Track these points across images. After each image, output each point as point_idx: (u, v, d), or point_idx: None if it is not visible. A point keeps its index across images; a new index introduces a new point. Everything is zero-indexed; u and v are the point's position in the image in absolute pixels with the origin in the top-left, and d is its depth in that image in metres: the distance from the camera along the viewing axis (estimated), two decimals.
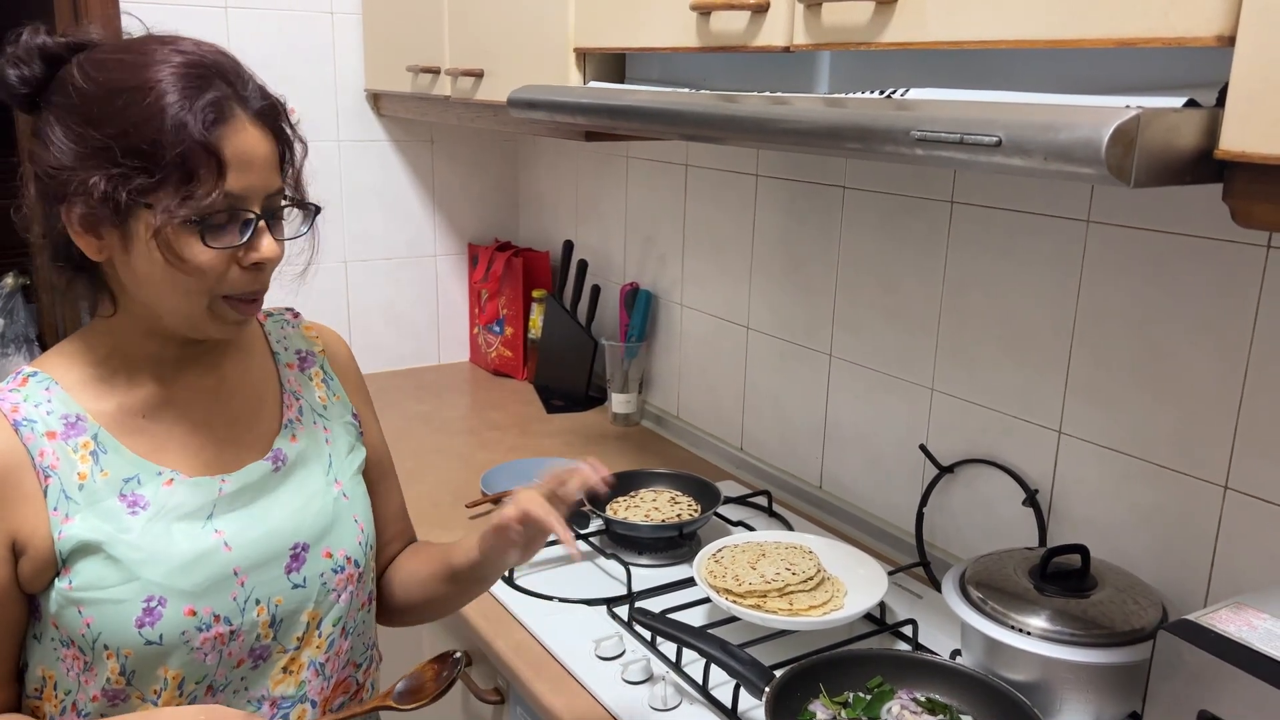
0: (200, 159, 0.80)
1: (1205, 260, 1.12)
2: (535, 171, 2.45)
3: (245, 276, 0.86)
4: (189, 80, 0.82)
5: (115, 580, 0.85)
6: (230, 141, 0.82)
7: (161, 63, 0.82)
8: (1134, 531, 1.23)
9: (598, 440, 2.01)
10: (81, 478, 0.86)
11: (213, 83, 0.83)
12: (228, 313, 0.87)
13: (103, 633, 0.85)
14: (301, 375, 1.04)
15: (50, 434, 0.86)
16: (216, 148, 0.81)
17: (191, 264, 0.83)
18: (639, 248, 2.12)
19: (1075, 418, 1.28)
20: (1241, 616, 0.82)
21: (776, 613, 1.24)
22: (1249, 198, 0.72)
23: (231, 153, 0.82)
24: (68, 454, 0.86)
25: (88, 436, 0.87)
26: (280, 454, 0.97)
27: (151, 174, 0.80)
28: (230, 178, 0.82)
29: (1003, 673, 1.09)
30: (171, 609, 0.87)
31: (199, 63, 0.84)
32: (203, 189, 0.81)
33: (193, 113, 0.80)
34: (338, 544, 0.98)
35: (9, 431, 0.85)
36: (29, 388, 0.88)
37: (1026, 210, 1.31)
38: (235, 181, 0.82)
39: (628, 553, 1.50)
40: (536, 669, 1.25)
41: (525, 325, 2.33)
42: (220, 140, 0.81)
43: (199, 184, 0.81)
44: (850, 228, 1.58)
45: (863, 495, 1.62)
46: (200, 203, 0.81)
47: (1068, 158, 0.71)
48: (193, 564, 0.88)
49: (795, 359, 1.72)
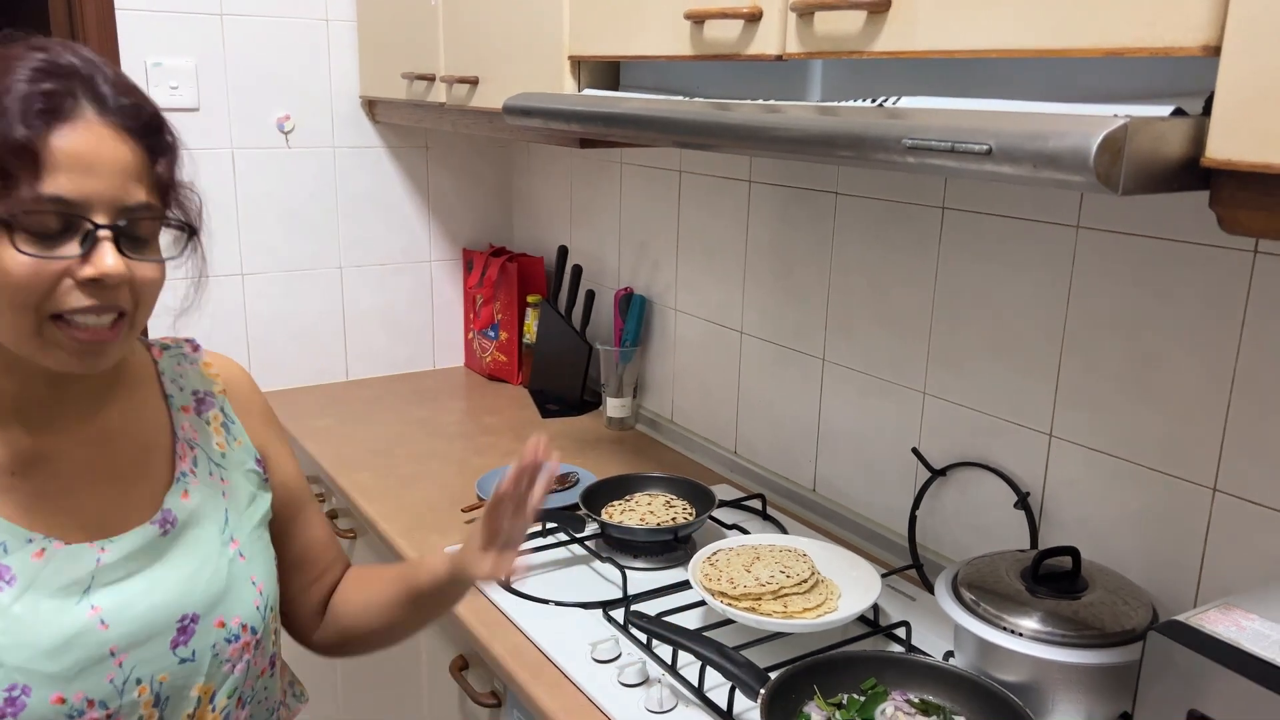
0: (13, 155, 0.73)
1: (1193, 265, 1.13)
2: (529, 177, 2.46)
3: (78, 294, 0.76)
4: (34, 77, 0.75)
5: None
6: (64, 141, 0.74)
7: (19, 63, 0.76)
8: (1124, 533, 1.24)
9: (593, 444, 2.02)
10: None
11: (59, 80, 0.75)
12: (58, 337, 0.76)
13: None
14: (198, 420, 0.94)
15: None
16: (34, 145, 0.73)
17: (4, 270, 0.74)
18: (633, 253, 2.13)
19: (1066, 421, 1.30)
20: (1230, 617, 0.84)
21: (771, 615, 1.25)
22: (1235, 205, 0.74)
23: (63, 154, 0.74)
24: None
25: None
26: (169, 515, 0.88)
27: None
28: (58, 180, 0.73)
29: (995, 674, 1.10)
30: (36, 698, 0.77)
31: (53, 62, 0.77)
32: (16, 189, 0.73)
33: (17, 106, 0.73)
34: (232, 612, 0.89)
35: None
36: None
37: (1017, 216, 1.32)
38: (67, 185, 0.74)
39: (623, 556, 1.51)
40: (533, 672, 1.26)
41: (520, 330, 2.34)
42: (46, 138, 0.73)
43: (11, 183, 0.73)
44: (842, 233, 1.59)
45: (856, 498, 1.64)
46: (11, 204, 0.73)
47: (1057, 165, 0.72)
48: (62, 647, 0.78)
49: (788, 363, 1.74)
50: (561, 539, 1.56)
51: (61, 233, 0.75)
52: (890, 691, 1.13)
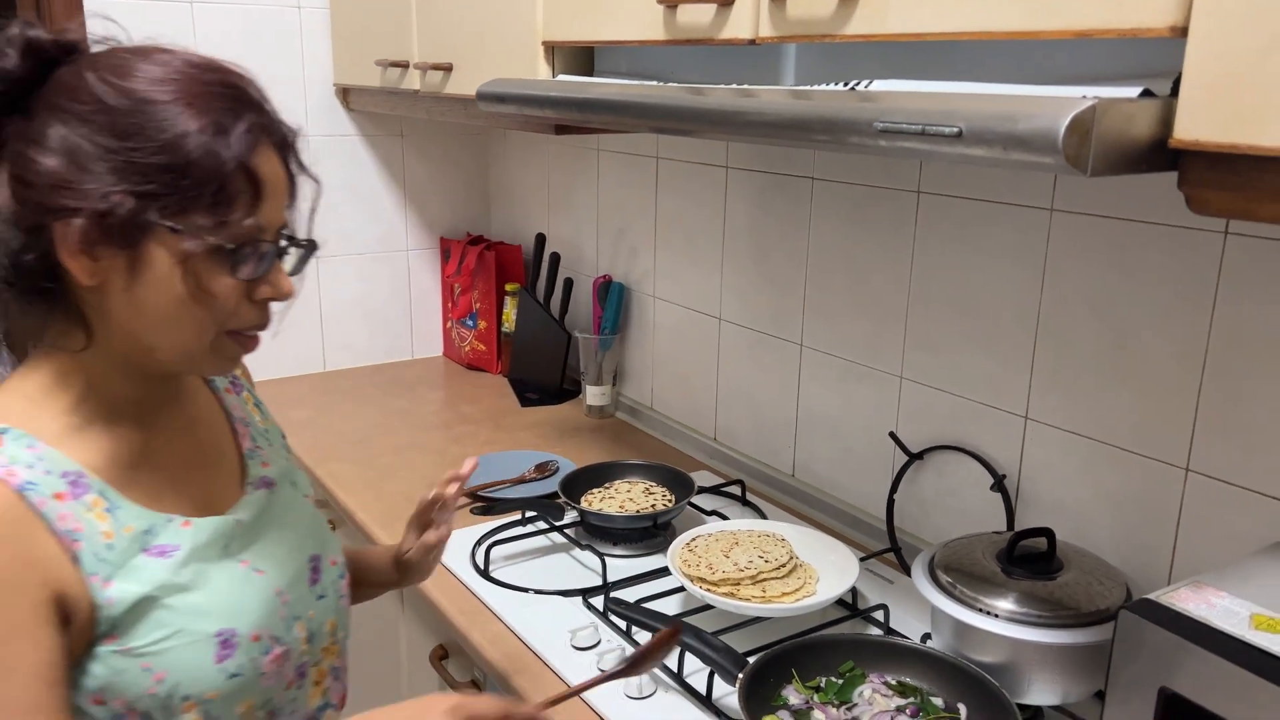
0: (239, 183, 0.77)
1: (1165, 247, 1.14)
2: (506, 165, 2.45)
3: (254, 312, 0.83)
4: (224, 100, 0.78)
5: (183, 625, 0.81)
6: (266, 166, 0.80)
7: (191, 79, 0.78)
8: (1099, 514, 1.25)
9: (572, 433, 2.02)
10: (107, 536, 0.79)
11: (247, 105, 0.80)
12: (230, 348, 0.84)
13: (181, 682, 0.80)
14: (239, 400, 1.01)
15: (58, 495, 0.77)
16: (256, 173, 0.78)
17: (214, 295, 0.79)
18: (611, 240, 2.12)
19: (1041, 404, 1.31)
20: (1201, 595, 0.84)
21: (750, 600, 1.26)
22: (1203, 185, 0.74)
23: (266, 179, 0.79)
24: (83, 514, 0.78)
25: (95, 494, 0.79)
26: (265, 479, 0.96)
27: (183, 194, 0.75)
28: (266, 207, 0.80)
29: (972, 655, 1.11)
30: (242, 638, 0.85)
31: (230, 83, 0.80)
32: (237, 215, 0.78)
33: (234, 135, 0.77)
34: (334, 551, 1.00)
35: (15, 499, 0.75)
36: (8, 448, 0.77)
37: (991, 199, 1.33)
38: (270, 211, 0.80)
39: (603, 544, 1.51)
40: (512, 660, 1.26)
41: (499, 319, 2.33)
42: (257, 166, 0.79)
43: (234, 209, 0.77)
44: (819, 218, 1.59)
45: (834, 483, 1.64)
46: (234, 229, 0.78)
47: (1026, 147, 0.72)
48: (242, 593, 0.86)
49: (766, 349, 1.74)
50: (541, 527, 1.56)
51: (251, 255, 0.80)
52: (868, 674, 1.13)
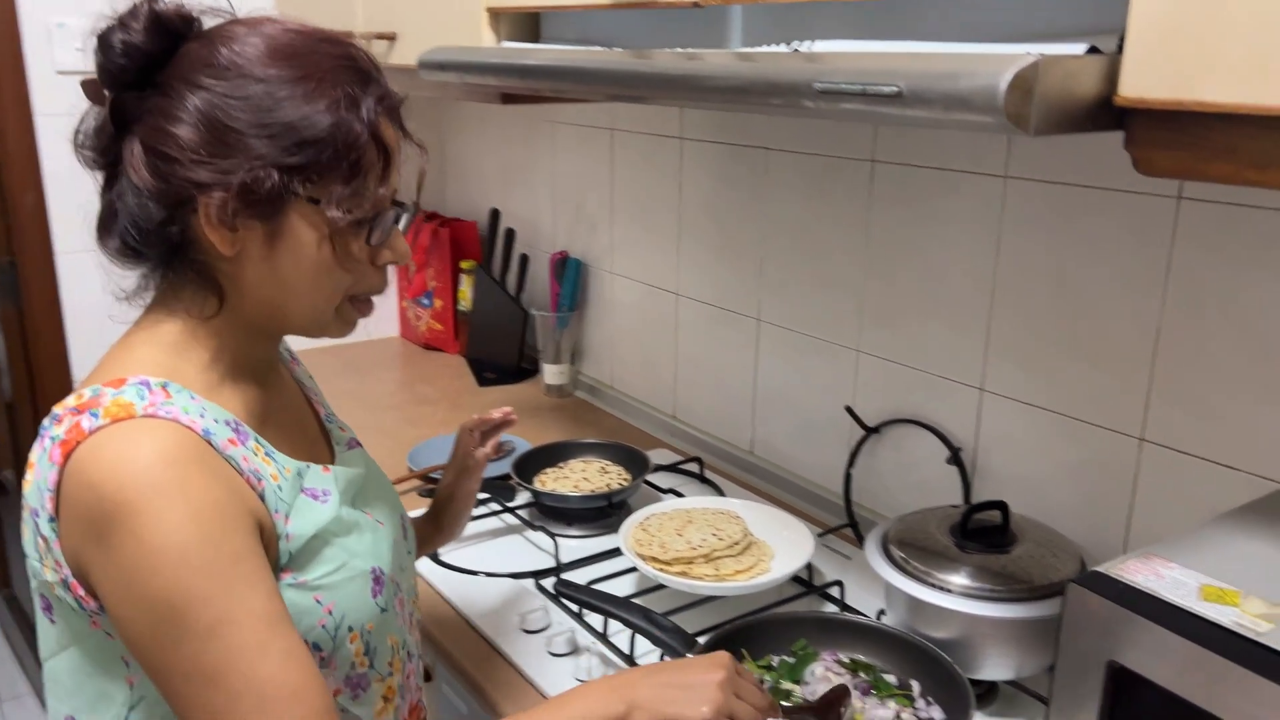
0: (372, 154, 0.80)
1: (1119, 213, 1.12)
2: (461, 139, 2.39)
3: (377, 276, 0.86)
4: (350, 73, 0.80)
5: (347, 560, 0.85)
6: (388, 137, 0.82)
7: (317, 52, 0.80)
8: (1055, 486, 1.24)
9: (531, 413, 1.98)
10: (274, 479, 0.81)
11: (369, 76, 0.82)
12: (351, 314, 0.87)
13: (346, 613, 0.84)
14: (302, 371, 1.04)
15: (231, 441, 0.78)
16: (387, 143, 0.81)
17: (347, 261, 0.82)
18: (568, 215, 2.08)
19: (997, 375, 1.29)
20: (1149, 566, 0.83)
21: (703, 579, 1.23)
22: (1149, 145, 0.72)
23: (391, 147, 0.82)
24: (254, 458, 0.80)
25: (253, 440, 0.81)
26: (351, 440, 1.00)
27: (323, 167, 0.78)
28: (394, 174, 0.83)
29: (926, 631, 1.09)
30: (387, 578, 0.89)
31: (350, 55, 0.82)
32: (371, 184, 0.80)
33: (365, 107, 0.79)
34: (404, 510, 1.02)
35: (205, 445, 0.76)
36: (178, 400, 0.77)
37: (945, 167, 1.30)
38: (392, 180, 0.83)
39: (557, 525, 1.48)
40: (462, 646, 1.23)
41: (455, 297, 2.28)
42: (385, 135, 0.81)
43: (368, 179, 0.80)
44: (774, 190, 1.56)
45: (793, 459, 1.62)
46: (369, 199, 0.81)
47: (967, 106, 0.70)
48: (376, 539, 0.90)
49: (724, 324, 1.71)
50: (494, 509, 1.53)
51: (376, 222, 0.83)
52: (820, 652, 1.12)
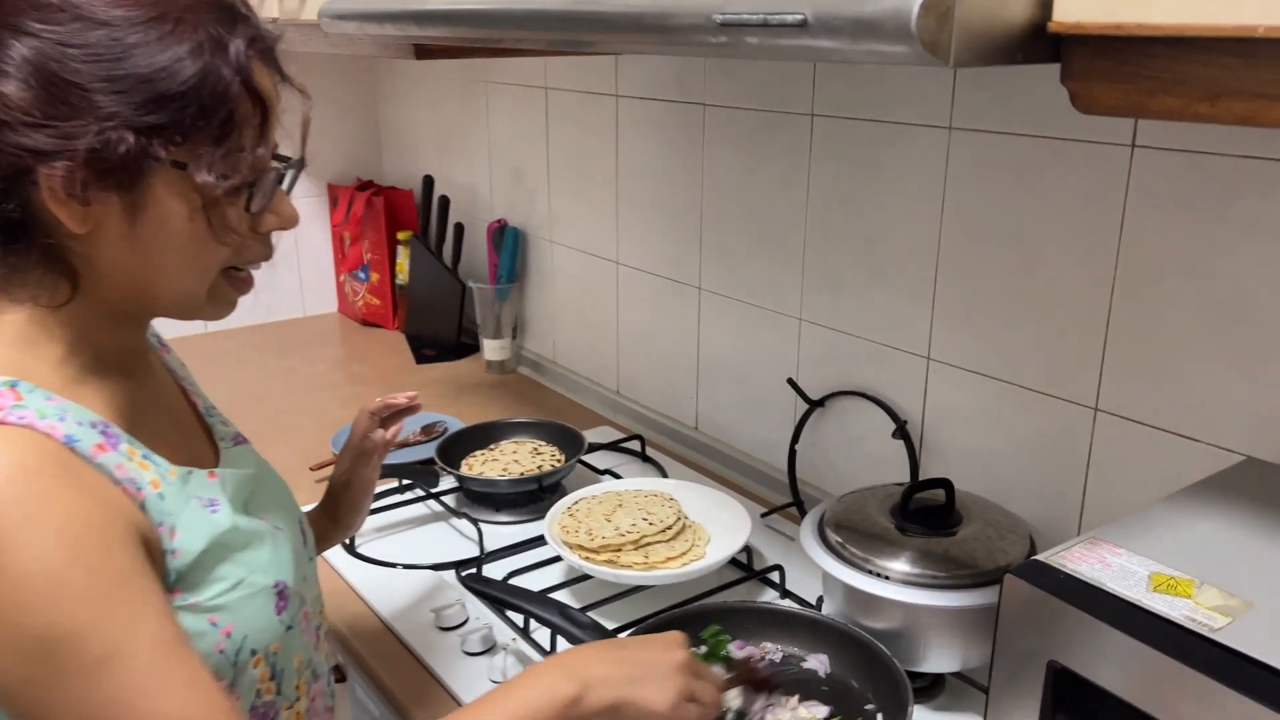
0: (247, 106, 0.68)
1: (1069, 164, 1.03)
2: (396, 102, 2.27)
3: (260, 245, 0.74)
4: (213, 10, 0.67)
5: (245, 575, 0.74)
6: (264, 86, 0.69)
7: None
8: (1006, 460, 1.16)
9: (470, 390, 1.88)
10: (155, 485, 0.69)
11: (238, 13, 0.69)
12: (229, 292, 0.75)
13: (248, 635, 0.73)
14: (173, 359, 0.90)
15: (100, 446, 0.66)
16: (263, 93, 0.69)
17: (225, 231, 0.70)
18: (505, 181, 1.97)
19: (943, 343, 1.20)
20: (1095, 553, 0.75)
21: (631, 567, 1.15)
22: (1087, 77, 0.62)
23: (269, 97, 0.70)
24: (129, 464, 0.68)
25: (126, 444, 0.68)
26: (237, 435, 0.87)
27: (188, 124, 0.65)
28: (272, 128, 0.71)
29: (865, 621, 1.01)
30: (291, 591, 0.78)
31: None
32: (249, 141, 0.68)
33: (234, 50, 0.67)
34: (300, 511, 0.90)
35: (69, 454, 0.64)
36: (30, 401, 0.65)
37: (886, 120, 1.20)
38: (274, 133, 0.72)
39: (485, 511, 1.39)
40: (373, 646, 1.14)
41: (392, 270, 2.17)
42: (259, 84, 0.68)
43: (244, 136, 0.68)
44: (712, 148, 1.46)
45: (738, 434, 1.53)
46: (246, 159, 0.68)
47: (878, 34, 0.60)
48: (276, 547, 0.78)
49: (665, 294, 1.61)
50: (418, 494, 1.44)
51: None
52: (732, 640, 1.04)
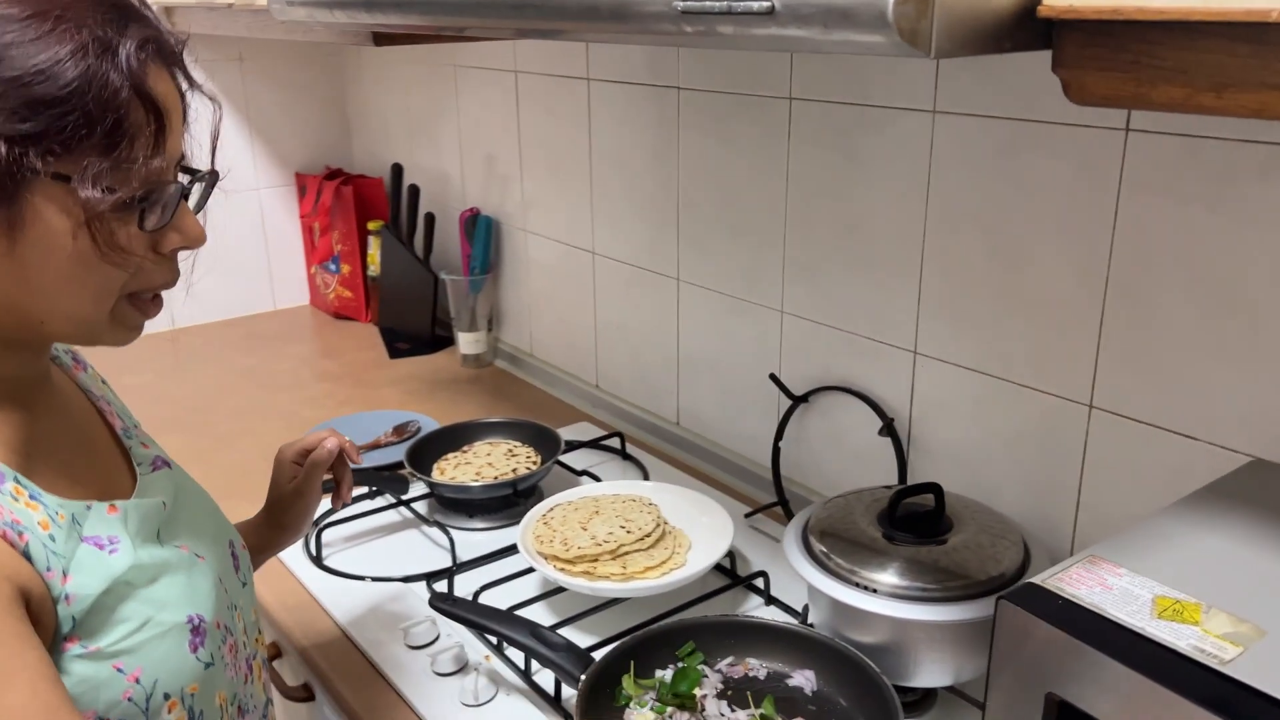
0: (139, 114, 0.63)
1: (1061, 150, 0.97)
2: (363, 87, 2.19)
3: (163, 267, 0.69)
4: (103, 9, 0.63)
5: (153, 614, 0.69)
6: (161, 87, 0.65)
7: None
8: (997, 458, 1.11)
9: (445, 386, 1.83)
10: (44, 527, 0.64)
11: (132, 11, 0.65)
12: (132, 316, 0.70)
13: (159, 679, 0.68)
14: (89, 376, 0.84)
15: None
16: (157, 99, 0.64)
17: (117, 252, 0.64)
18: (477, 168, 1.90)
19: (930, 336, 1.15)
20: (1095, 574, 0.70)
21: (609, 578, 1.10)
22: (1081, 66, 0.57)
23: (166, 105, 0.65)
24: (13, 505, 0.63)
25: (11, 482, 0.64)
26: (157, 459, 0.81)
27: (71, 133, 0.60)
28: (171, 139, 0.66)
29: (852, 634, 0.96)
30: (209, 625, 0.73)
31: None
32: (139, 153, 0.63)
33: (124, 52, 0.62)
34: (237, 534, 0.87)
35: None
36: None
37: (868, 103, 1.14)
38: (173, 144, 0.66)
39: (457, 518, 1.34)
40: (339, 665, 1.09)
41: (363, 261, 2.11)
42: (154, 89, 0.64)
43: (135, 147, 0.63)
44: (687, 133, 1.40)
45: (720, 431, 1.48)
46: (138, 172, 0.63)
47: (852, 23, 0.55)
48: (192, 579, 0.74)
49: (644, 285, 1.55)
50: (390, 501, 1.38)
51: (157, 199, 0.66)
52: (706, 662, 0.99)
